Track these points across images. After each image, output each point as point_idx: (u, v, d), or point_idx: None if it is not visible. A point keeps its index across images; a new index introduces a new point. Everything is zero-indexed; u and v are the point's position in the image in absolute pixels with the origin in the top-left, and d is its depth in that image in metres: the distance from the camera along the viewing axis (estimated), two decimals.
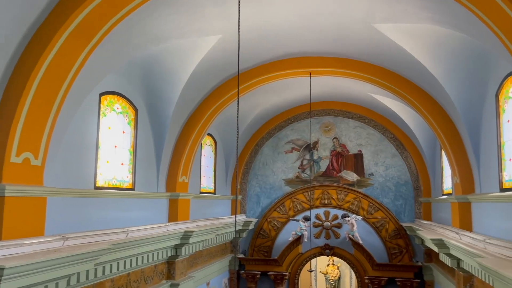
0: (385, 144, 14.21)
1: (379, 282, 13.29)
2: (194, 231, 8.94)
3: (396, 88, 9.47)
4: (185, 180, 10.07)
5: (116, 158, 7.91)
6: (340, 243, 14.04)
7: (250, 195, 15.05)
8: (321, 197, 14.44)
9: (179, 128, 9.73)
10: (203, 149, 12.29)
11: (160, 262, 8.85)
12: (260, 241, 14.51)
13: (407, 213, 13.87)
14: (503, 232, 6.71)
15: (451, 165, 9.13)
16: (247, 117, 13.23)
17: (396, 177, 14.07)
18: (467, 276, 8.28)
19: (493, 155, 7.47)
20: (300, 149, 14.84)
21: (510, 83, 6.78)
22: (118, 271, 6.99)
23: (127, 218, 7.96)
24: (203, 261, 11.57)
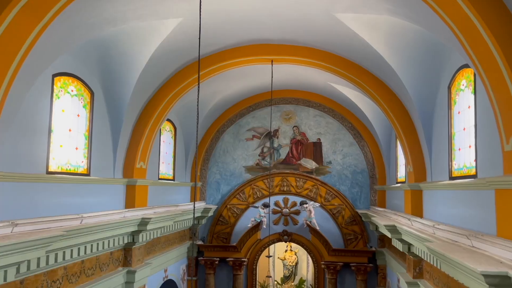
0: (343, 133, 14.52)
1: (335, 267, 13.67)
2: (152, 217, 8.81)
3: (355, 78, 9.66)
4: (143, 166, 9.88)
5: (70, 142, 7.63)
6: (298, 229, 14.30)
7: (210, 182, 14.99)
8: (280, 184, 14.61)
9: (137, 112, 9.50)
10: (162, 135, 12.08)
11: (116, 249, 8.68)
12: (219, 227, 14.54)
13: (362, 200, 14.30)
14: (451, 218, 7.05)
15: (405, 154, 9.46)
16: (208, 104, 13.10)
17: (353, 165, 14.43)
18: (417, 260, 8.67)
19: (444, 145, 7.80)
20: (261, 137, 14.91)
21: (461, 76, 7.07)
22: (71, 258, 6.79)
23: (82, 204, 7.73)
24: (161, 248, 11.46)
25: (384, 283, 13.40)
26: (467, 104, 6.76)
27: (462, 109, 6.97)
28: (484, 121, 5.99)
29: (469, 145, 6.65)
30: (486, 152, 5.90)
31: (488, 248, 4.50)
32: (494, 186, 4.87)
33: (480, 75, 4.98)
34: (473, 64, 5.06)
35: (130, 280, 8.91)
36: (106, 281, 8.07)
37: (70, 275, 7.00)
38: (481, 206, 5.82)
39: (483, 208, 5.72)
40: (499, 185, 4.70)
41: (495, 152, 5.43)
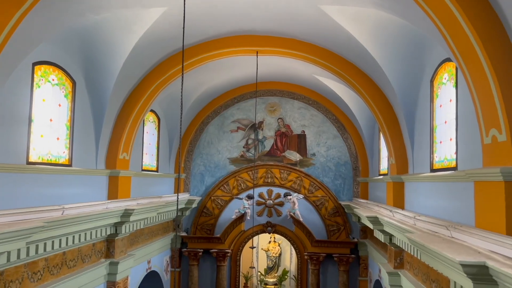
0: (328, 125, 14.60)
1: (318, 258, 13.83)
2: (135, 209, 8.76)
3: (340, 71, 9.69)
4: (126, 157, 9.79)
5: (52, 133, 7.50)
6: (282, 220, 14.39)
7: (194, 173, 14.95)
8: (264, 176, 14.65)
9: (120, 103, 9.38)
10: (146, 126, 11.97)
11: (99, 241, 8.61)
12: (203, 219, 14.53)
13: (345, 192, 14.44)
14: (432, 210, 7.18)
15: (388, 146, 9.57)
16: (192, 95, 13.01)
17: (337, 158, 14.55)
18: (398, 251, 8.82)
19: (426, 138, 7.92)
20: (245, 129, 14.89)
21: (444, 69, 7.16)
22: (53, 249, 6.71)
23: (64, 196, 7.63)
24: (144, 240, 11.41)
25: (366, 274, 13.62)
26: (448, 97, 6.85)
27: (444, 103, 7.07)
28: (465, 114, 6.09)
29: (450, 138, 6.76)
30: (466, 145, 6.01)
31: (466, 239, 4.60)
32: (473, 178, 4.96)
33: (461, 69, 5.05)
34: (455, 58, 5.13)
35: (112, 272, 8.86)
36: (88, 272, 8.02)
37: (51, 267, 6.93)
38: (461, 198, 5.94)
39: (463, 199, 5.84)
40: (478, 177, 4.80)
41: (475, 145, 5.53)
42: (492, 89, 4.48)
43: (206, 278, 14.42)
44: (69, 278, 7.32)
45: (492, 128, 4.53)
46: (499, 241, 3.87)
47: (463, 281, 3.98)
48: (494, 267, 3.51)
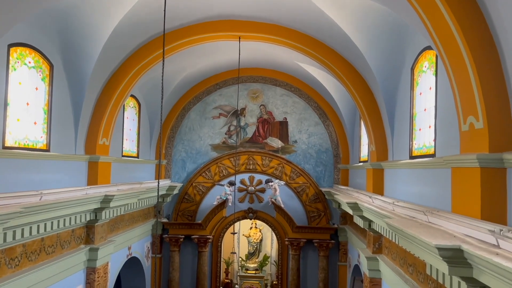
0: (309, 112, 14.66)
1: (298, 243, 13.99)
2: (115, 195, 8.67)
3: (322, 57, 9.70)
4: (106, 143, 9.65)
5: (28, 117, 7.32)
6: (263, 207, 14.48)
7: (176, 160, 14.86)
8: (246, 163, 14.67)
9: (100, 87, 9.21)
10: (126, 111, 11.80)
11: (78, 227, 8.51)
12: (184, 205, 14.50)
13: (326, 179, 14.59)
14: (410, 196, 7.32)
15: (368, 133, 9.67)
16: (174, 80, 12.86)
17: (318, 145, 14.65)
18: (376, 236, 8.99)
19: (406, 125, 8.03)
20: (227, 115, 14.83)
21: (424, 57, 7.23)
22: (30, 235, 6.60)
23: (42, 181, 7.49)
24: (125, 226, 11.34)
25: (345, 259, 13.86)
26: (428, 85, 6.94)
27: (424, 90, 7.16)
28: (444, 102, 6.18)
29: (429, 125, 6.87)
30: (445, 132, 6.11)
31: (443, 223, 4.71)
32: (450, 164, 5.07)
33: (441, 57, 5.11)
34: (435, 46, 5.18)
35: (92, 258, 8.79)
36: (68, 258, 7.93)
37: (29, 253, 6.83)
38: (438, 184, 6.06)
39: (440, 185, 5.96)
40: (455, 163, 4.90)
41: (452, 132, 5.64)
42: (470, 77, 4.55)
43: (187, 264, 14.46)
44: (47, 265, 7.23)
45: (469, 116, 4.62)
46: (474, 225, 3.97)
47: (438, 264, 4.08)
48: (468, 250, 3.61)
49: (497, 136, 4.29)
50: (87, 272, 8.84)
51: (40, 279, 7.03)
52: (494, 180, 4.27)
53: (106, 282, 9.52)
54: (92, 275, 8.86)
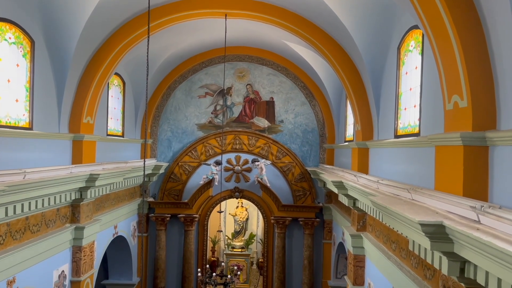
0: (296, 92, 14.64)
1: (284, 221, 14.16)
2: (101, 174, 8.61)
3: (309, 36, 9.64)
4: (90, 121, 9.53)
5: (10, 94, 7.16)
6: (249, 186, 14.56)
7: (161, 139, 14.77)
8: (233, 142, 14.66)
9: (83, 64, 9.02)
10: (110, 90, 11.62)
11: (63, 206, 8.46)
12: (170, 185, 14.49)
13: (312, 158, 14.69)
14: (394, 174, 7.43)
15: (354, 113, 9.72)
16: (159, 58, 12.66)
17: (304, 125, 14.70)
18: (361, 214, 9.14)
19: (391, 105, 8.09)
20: (213, 94, 14.73)
21: (410, 37, 7.24)
22: (15, 214, 6.54)
23: (25, 160, 7.38)
24: (111, 205, 11.30)
25: (330, 237, 14.10)
26: (414, 64, 6.98)
27: (410, 70, 7.20)
28: (429, 82, 6.23)
29: (414, 104, 6.93)
30: (429, 111, 6.18)
31: (426, 201, 4.80)
32: (435, 143, 5.14)
33: (428, 36, 5.12)
34: (422, 24, 5.18)
35: (78, 237, 8.79)
36: (53, 237, 7.91)
37: (14, 232, 6.78)
38: (422, 163, 6.16)
39: (424, 164, 6.06)
40: (439, 142, 4.98)
41: (437, 111, 5.70)
42: (456, 56, 4.58)
43: (173, 243, 14.55)
44: (33, 243, 7.20)
45: (454, 95, 4.67)
46: (456, 202, 4.06)
47: (421, 240, 4.18)
48: (450, 226, 3.70)
49: (481, 115, 4.36)
50: (73, 251, 8.84)
51: (26, 258, 7.01)
52: (476, 158, 4.36)
53: (93, 260, 9.54)
54: (78, 254, 8.86)
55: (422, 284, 5.79)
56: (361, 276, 9.18)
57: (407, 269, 6.48)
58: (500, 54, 4.24)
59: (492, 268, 3.28)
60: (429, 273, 5.66)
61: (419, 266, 6.02)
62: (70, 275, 8.77)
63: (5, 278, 6.53)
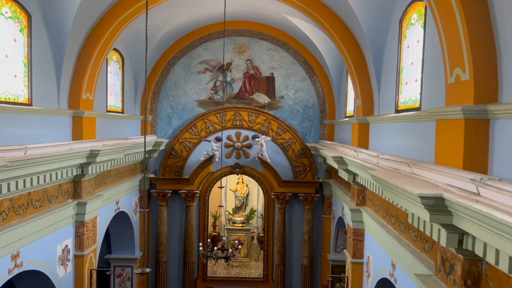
0: (296, 67, 14.52)
1: (284, 197, 14.28)
2: (101, 150, 8.63)
3: (310, 10, 9.50)
4: (90, 98, 9.48)
5: (8, 70, 7.10)
6: (250, 162, 14.61)
7: (161, 115, 14.73)
8: (233, 119, 14.63)
9: (81, 39, 8.92)
10: (109, 66, 11.52)
11: (65, 181, 8.51)
12: (171, 161, 14.54)
13: (312, 134, 14.70)
14: (394, 149, 7.44)
15: (355, 88, 9.67)
16: (157, 33, 12.50)
17: (305, 100, 14.63)
18: (360, 189, 9.21)
19: (392, 79, 8.03)
20: (213, 70, 14.61)
21: (413, 9, 7.13)
22: (17, 190, 6.58)
23: (25, 136, 7.38)
24: (112, 181, 11.37)
25: (330, 212, 14.24)
26: (416, 38, 6.89)
27: (412, 43, 7.12)
28: (431, 55, 6.16)
29: (415, 79, 6.88)
30: (431, 85, 6.14)
31: (426, 174, 4.82)
32: (435, 116, 5.13)
33: (431, 8, 5.04)
34: None
35: (80, 212, 8.88)
36: (56, 213, 7.99)
37: (16, 207, 6.84)
38: (423, 137, 6.16)
39: (424, 139, 6.06)
40: (440, 115, 4.96)
41: (438, 85, 5.66)
42: (459, 29, 4.52)
43: (175, 218, 14.70)
44: (36, 218, 7.27)
45: (456, 68, 4.62)
46: (455, 175, 4.08)
47: (420, 212, 4.22)
48: (449, 198, 3.72)
49: (483, 87, 4.33)
50: (76, 226, 8.95)
51: (29, 233, 7.10)
52: (477, 131, 4.35)
53: (95, 235, 9.67)
54: (81, 229, 8.97)
55: (420, 256, 5.89)
56: (361, 250, 9.32)
57: (406, 242, 6.57)
58: (504, 26, 4.18)
59: (490, 239, 3.32)
60: (427, 246, 5.74)
61: (418, 239, 6.11)
62: (73, 250, 8.90)
63: (9, 253, 6.63)
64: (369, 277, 8.72)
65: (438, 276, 4.89)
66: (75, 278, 8.91)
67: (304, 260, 14.25)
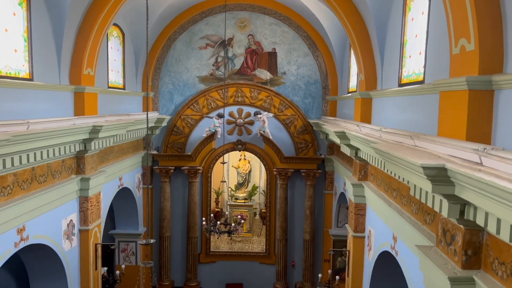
0: (299, 43, 14.35)
1: (286, 173, 14.34)
2: (104, 125, 8.63)
3: None
4: (91, 73, 9.42)
5: (8, 44, 7.04)
6: (252, 139, 14.61)
7: (163, 92, 14.67)
8: (235, 95, 14.56)
9: (81, 13, 8.80)
10: (110, 41, 11.41)
11: (68, 157, 8.54)
12: (173, 138, 14.56)
13: (314, 111, 14.64)
14: (397, 123, 7.42)
15: (358, 62, 9.57)
16: (158, 8, 12.33)
17: (307, 76, 14.52)
18: (362, 164, 9.23)
19: (396, 53, 7.94)
20: (214, 46, 14.45)
21: None
22: (21, 164, 6.62)
23: (27, 111, 7.37)
24: (115, 157, 11.41)
25: (332, 187, 14.31)
26: (421, 10, 6.78)
27: (416, 16, 7.01)
28: (436, 27, 6.07)
29: (419, 51, 6.80)
30: (435, 58, 6.07)
31: (429, 146, 4.82)
32: (439, 88, 5.08)
33: None
34: None
35: (84, 187, 8.94)
36: (60, 188, 8.05)
37: (21, 182, 6.90)
38: (426, 110, 6.13)
39: (427, 112, 6.03)
40: (444, 87, 4.92)
41: (442, 58, 5.60)
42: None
43: (178, 194, 14.82)
44: (40, 193, 7.34)
45: (461, 38, 4.56)
46: (458, 146, 4.07)
47: (423, 183, 4.23)
48: (452, 168, 3.73)
49: (488, 58, 4.27)
50: (80, 201, 9.03)
51: (34, 207, 7.18)
52: (481, 102, 4.32)
53: (99, 210, 9.77)
54: (85, 204, 9.06)
55: (422, 228, 5.94)
56: (362, 224, 9.41)
57: (407, 215, 6.62)
58: None
59: (492, 208, 3.34)
60: (429, 218, 5.79)
61: (419, 211, 6.15)
62: (78, 224, 9.00)
63: (15, 226, 6.72)
64: (370, 250, 8.83)
65: (439, 247, 4.95)
66: (81, 252, 9.05)
67: (306, 235, 14.41)
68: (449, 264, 4.51)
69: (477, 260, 4.30)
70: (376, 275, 8.51)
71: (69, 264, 8.55)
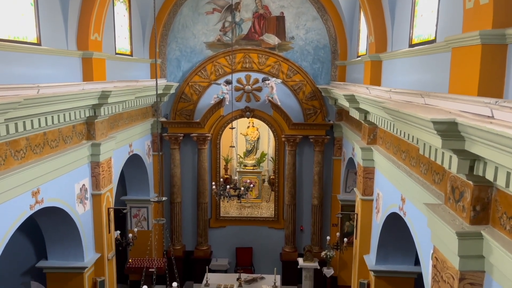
0: (307, 6, 14.06)
1: (294, 139, 14.36)
2: (113, 91, 8.65)
3: None
4: (98, 39, 9.37)
5: (15, 9, 6.99)
6: (260, 105, 14.57)
7: (170, 58, 14.57)
8: (242, 61, 14.43)
9: None
10: (115, 6, 11.26)
11: (78, 122, 8.62)
12: (182, 105, 14.57)
13: (323, 76, 14.49)
14: (407, 84, 7.34)
15: (368, 24, 9.39)
16: None
17: (316, 41, 14.29)
18: (371, 128, 9.21)
19: (407, 13, 7.76)
20: (221, 10, 14.22)
21: None
22: (32, 128, 6.68)
23: (36, 76, 7.40)
24: (124, 124, 11.49)
25: (340, 153, 14.34)
26: None
27: None
28: None
29: (431, 10, 6.64)
30: (447, 16, 5.94)
31: (439, 103, 4.77)
32: (451, 45, 4.99)
33: None
34: None
35: (95, 153, 9.06)
36: (71, 153, 8.17)
37: (33, 146, 7.00)
38: (437, 69, 6.05)
39: (438, 70, 5.95)
40: (457, 42, 4.83)
41: (455, 14, 5.47)
42: None
43: (187, 161, 14.96)
44: (52, 158, 7.46)
45: None
46: (469, 101, 4.03)
47: (432, 140, 4.22)
48: (463, 122, 3.71)
49: (502, 11, 4.17)
50: (92, 166, 9.18)
51: (47, 171, 7.31)
52: (494, 56, 4.24)
53: (111, 175, 9.92)
54: (96, 169, 9.21)
55: (430, 188, 5.97)
56: (370, 187, 9.47)
57: (416, 176, 6.64)
58: None
59: (503, 160, 3.33)
60: (437, 178, 5.81)
61: (428, 172, 6.16)
62: (90, 189, 9.18)
63: (29, 189, 6.88)
64: (378, 212, 8.93)
65: (447, 204, 4.99)
66: (94, 216, 9.27)
67: (314, 200, 14.56)
68: (457, 220, 4.56)
69: (485, 215, 4.33)
70: (384, 237, 8.64)
71: (83, 227, 8.77)
